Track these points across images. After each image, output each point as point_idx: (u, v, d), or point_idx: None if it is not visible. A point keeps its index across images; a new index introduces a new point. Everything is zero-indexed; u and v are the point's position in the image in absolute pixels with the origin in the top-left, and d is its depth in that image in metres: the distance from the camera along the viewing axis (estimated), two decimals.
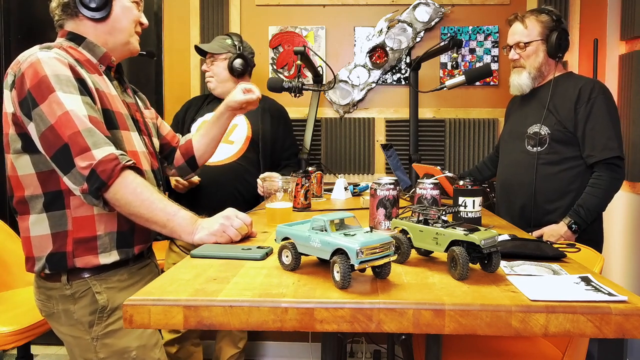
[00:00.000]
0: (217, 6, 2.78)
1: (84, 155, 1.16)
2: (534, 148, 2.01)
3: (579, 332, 0.79)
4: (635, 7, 2.40)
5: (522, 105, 2.14)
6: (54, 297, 1.31)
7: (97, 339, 1.30)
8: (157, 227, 1.25)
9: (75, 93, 1.21)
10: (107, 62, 1.38)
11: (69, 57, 1.27)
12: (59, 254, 1.26)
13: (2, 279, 2.20)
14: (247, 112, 2.30)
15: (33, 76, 1.19)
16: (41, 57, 1.21)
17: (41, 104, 1.17)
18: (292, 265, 0.98)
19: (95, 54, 1.36)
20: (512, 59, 2.07)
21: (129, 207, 1.21)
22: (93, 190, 1.16)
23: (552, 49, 1.99)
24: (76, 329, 1.31)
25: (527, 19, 2.02)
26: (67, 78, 1.21)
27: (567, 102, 1.95)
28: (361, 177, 2.83)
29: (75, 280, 1.29)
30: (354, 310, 0.80)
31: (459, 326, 0.79)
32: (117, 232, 1.31)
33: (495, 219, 1.68)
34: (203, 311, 0.81)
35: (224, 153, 2.25)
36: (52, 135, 1.17)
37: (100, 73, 1.36)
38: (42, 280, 1.32)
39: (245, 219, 1.28)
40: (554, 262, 1.07)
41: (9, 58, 2.88)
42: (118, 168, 1.18)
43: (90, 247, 1.28)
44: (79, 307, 1.30)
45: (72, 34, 1.36)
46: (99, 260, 1.28)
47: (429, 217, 1.03)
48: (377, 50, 2.77)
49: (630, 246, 2.49)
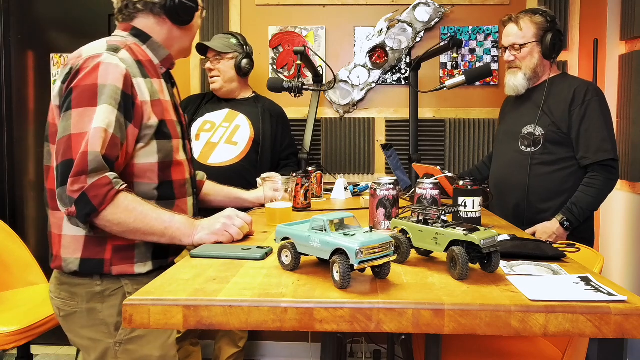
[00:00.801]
0: (217, 6, 2.78)
1: (78, 179, 1.12)
2: (528, 148, 2.02)
3: (579, 332, 0.79)
4: (635, 7, 2.40)
5: (516, 106, 2.15)
6: (79, 294, 1.27)
7: (120, 344, 1.26)
8: (155, 238, 1.22)
9: (114, 107, 1.17)
10: (167, 65, 1.38)
11: (132, 59, 1.25)
12: (95, 260, 1.24)
13: (2, 279, 2.20)
14: (248, 113, 2.32)
15: (85, 78, 1.17)
16: (104, 61, 1.19)
17: (75, 108, 1.15)
18: (292, 265, 0.98)
19: (159, 55, 1.35)
20: (507, 60, 2.08)
21: (123, 226, 1.17)
22: (82, 216, 1.12)
23: (546, 50, 2.01)
24: (98, 331, 1.27)
25: (521, 21, 2.03)
26: (114, 89, 1.18)
27: (561, 103, 1.97)
28: (361, 177, 2.83)
29: (107, 278, 1.26)
30: (353, 310, 0.80)
31: (459, 326, 0.79)
32: (154, 244, 1.28)
33: (495, 219, 1.68)
34: (203, 311, 0.81)
35: (228, 154, 2.25)
36: (65, 145, 1.14)
37: (159, 76, 1.34)
38: (67, 276, 1.28)
39: (246, 218, 1.29)
40: (554, 262, 1.07)
41: (9, 58, 2.88)
42: (112, 193, 1.14)
43: (127, 256, 1.26)
44: (107, 306, 1.26)
45: (137, 30, 1.33)
46: (134, 270, 1.27)
47: (429, 217, 1.03)
48: (377, 50, 2.77)
49: (630, 246, 2.49)
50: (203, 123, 2.30)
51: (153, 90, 1.28)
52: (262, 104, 2.40)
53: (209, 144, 2.26)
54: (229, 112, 2.31)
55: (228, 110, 2.32)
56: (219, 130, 2.29)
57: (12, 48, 2.88)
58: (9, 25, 2.87)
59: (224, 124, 2.30)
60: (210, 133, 2.28)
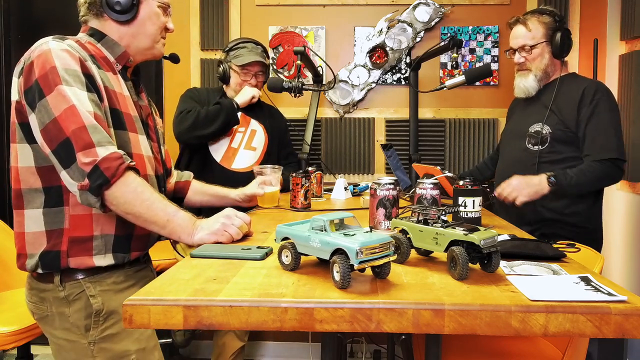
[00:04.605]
0: (217, 6, 2.78)
1: (88, 151, 1.14)
2: (535, 147, 2.01)
3: (579, 332, 0.79)
4: (635, 7, 2.40)
5: (524, 106, 2.14)
6: (47, 299, 1.28)
7: (94, 343, 1.27)
8: (156, 228, 1.23)
9: (82, 89, 1.19)
10: (123, 62, 1.37)
11: (82, 50, 1.25)
12: (52, 252, 1.24)
13: (2, 279, 2.20)
14: (258, 117, 2.37)
15: (42, 66, 1.17)
16: (53, 47, 1.19)
17: (48, 95, 1.15)
18: (292, 265, 0.98)
19: (114, 52, 1.35)
20: (517, 62, 2.06)
21: (129, 206, 1.19)
22: (95, 187, 1.14)
23: (557, 50, 1.99)
24: (72, 332, 1.28)
25: (529, 22, 2.01)
26: (74, 72, 1.19)
27: (570, 102, 1.95)
28: (361, 177, 2.83)
29: (69, 282, 1.26)
30: (353, 310, 0.80)
31: (459, 326, 0.79)
32: (115, 235, 1.29)
33: (495, 219, 1.68)
34: (203, 311, 0.81)
35: (248, 160, 2.31)
36: (55, 129, 1.14)
37: (115, 72, 1.34)
38: (34, 281, 1.30)
39: (245, 218, 1.29)
40: (554, 262, 1.07)
41: (9, 58, 2.88)
42: (122, 167, 1.16)
43: (85, 247, 1.25)
44: (73, 310, 1.26)
45: (94, 30, 1.35)
46: (94, 262, 1.26)
47: (429, 217, 1.03)
48: (377, 50, 2.77)
49: (630, 246, 2.49)
50: None
51: (107, 80, 1.28)
52: (266, 107, 2.45)
53: (230, 149, 2.30)
54: (241, 117, 2.32)
55: (240, 114, 2.32)
56: (237, 135, 2.32)
57: (12, 48, 2.88)
58: (9, 25, 2.87)
59: (240, 129, 2.34)
60: (229, 137, 2.31)
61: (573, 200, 1.94)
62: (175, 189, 1.70)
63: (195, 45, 2.81)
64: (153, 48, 1.41)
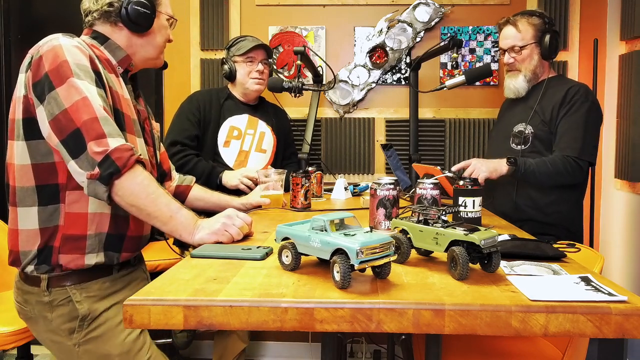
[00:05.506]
0: (217, 6, 2.78)
1: (99, 141, 1.14)
2: (519, 146, 2.05)
3: (579, 332, 0.79)
4: (635, 7, 2.40)
5: (512, 106, 2.18)
6: (30, 301, 1.29)
7: (78, 345, 1.29)
8: (158, 223, 1.24)
9: (92, 84, 1.20)
10: (125, 65, 1.38)
11: (90, 50, 1.27)
12: (45, 249, 1.25)
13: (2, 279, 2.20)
14: (265, 119, 2.37)
15: (53, 60, 1.18)
16: (64, 42, 1.21)
17: (58, 87, 1.16)
18: (292, 265, 0.98)
19: (116, 56, 1.36)
20: (507, 63, 2.09)
21: (134, 198, 1.19)
22: (105, 176, 1.14)
23: (545, 51, 2.02)
24: (56, 334, 1.29)
25: (519, 23, 2.04)
26: (85, 68, 1.21)
27: (553, 103, 2.00)
28: (361, 177, 2.83)
29: (55, 288, 1.26)
30: (353, 310, 0.80)
31: (459, 326, 0.79)
32: (107, 234, 1.29)
33: (495, 219, 1.68)
34: (203, 311, 0.81)
35: (260, 162, 2.31)
36: (65, 119, 1.15)
37: (117, 74, 1.35)
38: (21, 282, 1.30)
39: (246, 218, 1.29)
40: (554, 262, 1.07)
41: (9, 58, 2.88)
42: (133, 159, 1.17)
43: (78, 246, 1.25)
44: (56, 315, 1.27)
45: (97, 33, 1.36)
46: (84, 261, 1.26)
47: (429, 217, 1.03)
48: (377, 50, 2.77)
49: (630, 246, 2.49)
50: (230, 129, 2.30)
51: (110, 81, 1.30)
52: (271, 107, 2.45)
53: (242, 152, 2.30)
54: (249, 119, 2.32)
55: (247, 116, 2.33)
56: (246, 138, 2.32)
57: (12, 48, 2.88)
58: (9, 25, 2.87)
59: (249, 131, 2.33)
60: (240, 141, 2.30)
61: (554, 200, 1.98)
62: (176, 192, 1.70)
63: (195, 45, 2.81)
64: (158, 58, 1.46)
